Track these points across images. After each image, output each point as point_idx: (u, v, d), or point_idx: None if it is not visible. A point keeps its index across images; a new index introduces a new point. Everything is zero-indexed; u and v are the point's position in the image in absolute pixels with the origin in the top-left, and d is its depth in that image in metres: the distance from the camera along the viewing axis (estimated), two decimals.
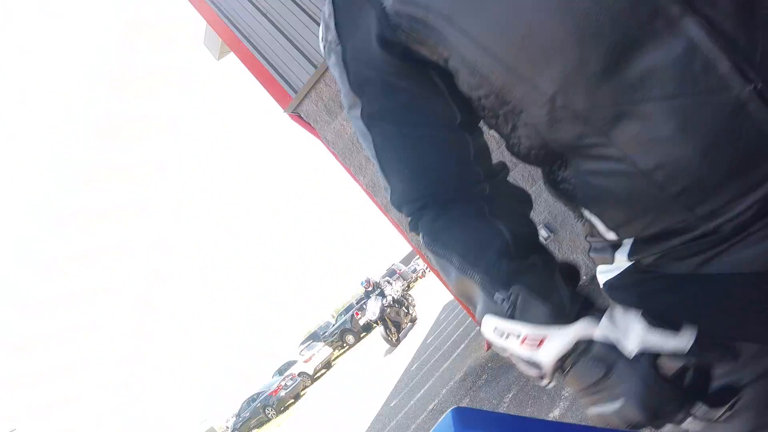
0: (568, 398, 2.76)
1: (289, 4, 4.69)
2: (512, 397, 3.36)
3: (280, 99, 4.77)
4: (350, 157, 4.61)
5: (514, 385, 3.50)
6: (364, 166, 4.58)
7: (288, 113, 4.79)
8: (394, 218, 4.60)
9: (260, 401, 19.46)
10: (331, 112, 4.59)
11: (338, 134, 4.60)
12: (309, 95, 4.63)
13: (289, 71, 4.67)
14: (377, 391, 7.91)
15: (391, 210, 4.59)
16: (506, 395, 3.46)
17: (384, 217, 4.76)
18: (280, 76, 4.70)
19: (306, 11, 4.63)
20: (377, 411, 6.61)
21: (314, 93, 4.61)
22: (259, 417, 19.34)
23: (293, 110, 4.72)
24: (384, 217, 4.76)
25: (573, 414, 2.60)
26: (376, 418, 6.32)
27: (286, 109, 4.76)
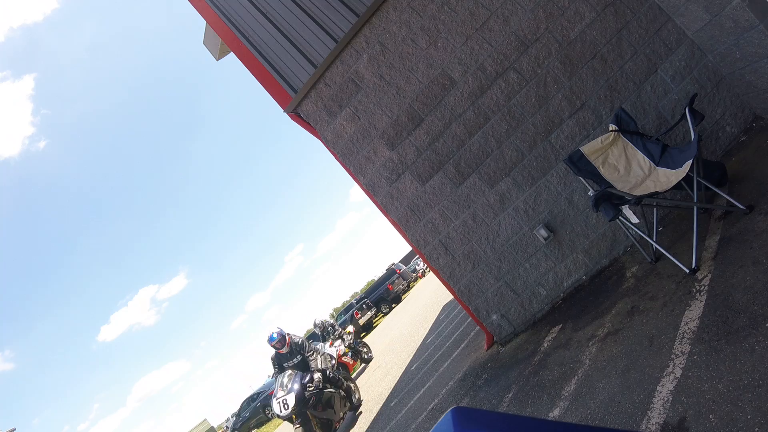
0: (568, 398, 2.76)
1: (289, 4, 4.70)
2: (512, 397, 3.36)
3: (280, 99, 4.77)
4: (350, 157, 4.61)
5: (514, 385, 3.50)
6: (364, 166, 4.58)
7: (288, 113, 4.79)
8: (394, 218, 4.60)
9: (260, 401, 19.46)
10: (331, 112, 4.59)
11: (338, 134, 4.60)
12: (309, 95, 4.63)
13: (289, 71, 4.67)
14: (377, 390, 7.91)
15: (390, 210, 4.59)
16: (506, 395, 3.46)
17: (384, 217, 4.76)
18: (280, 76, 4.71)
19: (306, 11, 4.63)
20: (377, 411, 6.61)
21: (314, 93, 4.61)
22: (259, 417, 19.35)
23: (293, 110, 4.72)
24: (384, 217, 4.76)
25: (573, 414, 2.60)
26: (376, 418, 6.32)
27: (286, 109, 4.76)
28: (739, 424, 1.67)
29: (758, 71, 3.37)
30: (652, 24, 3.86)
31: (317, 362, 6.76)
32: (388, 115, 4.44)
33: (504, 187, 4.25)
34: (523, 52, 4.08)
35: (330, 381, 6.80)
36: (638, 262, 3.60)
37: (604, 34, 3.94)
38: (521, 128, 4.15)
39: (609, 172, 3.51)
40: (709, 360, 2.07)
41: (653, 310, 2.82)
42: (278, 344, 6.78)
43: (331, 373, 6.92)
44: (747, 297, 2.20)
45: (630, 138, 3.56)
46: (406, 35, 4.33)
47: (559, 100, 4.05)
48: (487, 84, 4.18)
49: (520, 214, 4.24)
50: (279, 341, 6.79)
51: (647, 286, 3.14)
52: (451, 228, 4.42)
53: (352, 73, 4.48)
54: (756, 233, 2.58)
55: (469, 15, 4.17)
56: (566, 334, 3.56)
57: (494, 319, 4.45)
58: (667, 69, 3.88)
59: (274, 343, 6.77)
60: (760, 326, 1.99)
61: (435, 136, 4.35)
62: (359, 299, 23.54)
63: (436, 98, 4.31)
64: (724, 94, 3.83)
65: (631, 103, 3.93)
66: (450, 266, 4.49)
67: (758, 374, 1.79)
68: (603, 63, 3.96)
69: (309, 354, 6.74)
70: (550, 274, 4.24)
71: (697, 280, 2.67)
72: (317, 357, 6.86)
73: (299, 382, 6.23)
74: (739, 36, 3.25)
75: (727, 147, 3.84)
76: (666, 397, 2.10)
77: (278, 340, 6.78)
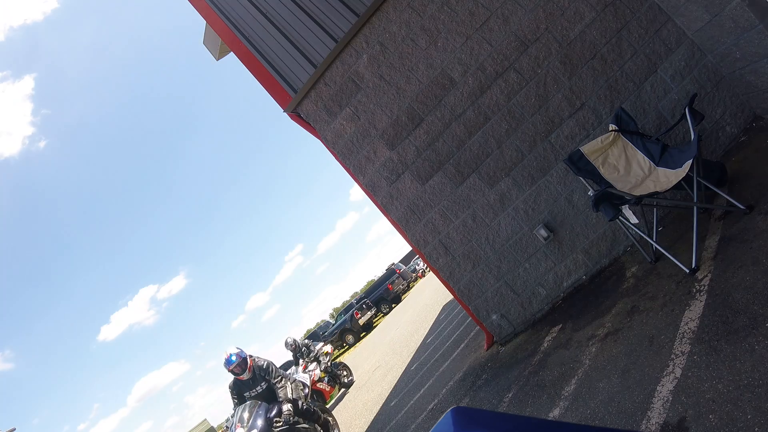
0: (568, 398, 2.76)
1: (289, 4, 4.70)
2: (512, 396, 3.36)
3: (280, 99, 4.77)
4: (350, 157, 4.61)
5: (514, 385, 3.50)
6: (364, 165, 4.58)
7: (288, 113, 4.79)
8: (393, 218, 4.60)
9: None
10: (331, 112, 4.59)
11: (338, 134, 4.60)
12: (309, 95, 4.63)
13: (289, 71, 4.67)
14: (377, 390, 7.91)
15: (390, 210, 4.59)
16: (506, 395, 3.46)
17: (384, 217, 4.76)
18: (280, 76, 4.71)
19: (306, 11, 4.63)
20: (377, 411, 6.61)
21: (314, 93, 4.61)
22: None
23: (293, 110, 4.72)
24: (384, 217, 4.76)
25: (573, 414, 2.60)
26: (375, 418, 6.32)
27: (286, 109, 4.76)
28: (739, 424, 1.67)
29: (758, 71, 3.37)
30: (652, 24, 3.86)
31: (287, 390, 5.42)
32: (388, 115, 4.44)
33: (504, 187, 4.25)
34: (523, 52, 4.08)
35: (303, 414, 5.56)
36: (638, 262, 3.60)
37: (604, 34, 3.94)
38: (521, 128, 4.15)
39: (609, 172, 3.51)
40: (709, 360, 2.07)
41: (653, 310, 2.82)
42: (238, 368, 5.33)
43: (304, 404, 5.70)
44: (747, 297, 2.21)
45: (630, 138, 3.56)
46: (406, 35, 4.33)
47: (559, 100, 4.05)
48: (487, 84, 4.18)
49: (520, 214, 4.24)
50: (238, 365, 5.33)
51: (647, 286, 3.14)
52: (451, 228, 4.42)
53: (352, 73, 4.48)
54: (756, 233, 2.58)
55: (469, 15, 4.17)
56: (566, 334, 3.56)
57: (494, 319, 4.45)
58: (667, 69, 3.87)
59: (233, 367, 5.31)
60: (760, 326, 1.99)
61: (435, 136, 4.35)
62: (359, 299, 23.56)
63: (436, 98, 4.31)
64: (724, 94, 3.83)
65: (631, 103, 3.93)
66: (450, 266, 4.49)
67: (758, 374, 1.79)
68: (603, 63, 3.95)
69: (276, 380, 5.40)
70: (550, 274, 4.24)
71: (697, 280, 2.67)
72: (287, 384, 5.52)
73: (264, 416, 5.04)
74: (739, 36, 3.25)
75: (727, 147, 3.84)
76: (666, 397, 2.10)
77: (237, 364, 5.32)
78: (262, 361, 5.50)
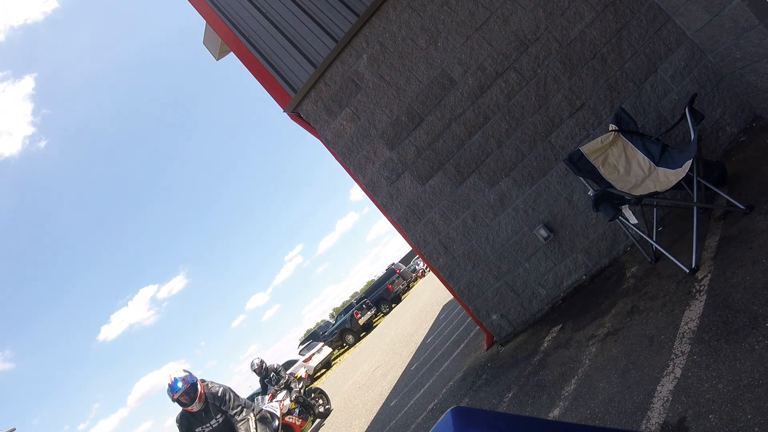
0: (568, 398, 2.76)
1: (289, 4, 4.70)
2: (512, 396, 3.36)
3: (280, 99, 4.77)
4: (350, 157, 4.61)
5: (514, 385, 3.50)
6: (364, 165, 4.58)
7: (288, 113, 4.79)
8: (393, 218, 4.60)
9: None
10: (331, 112, 4.59)
11: (338, 134, 4.60)
12: (309, 95, 4.63)
13: (289, 71, 4.67)
14: (377, 390, 7.91)
15: (390, 209, 4.59)
16: (506, 395, 3.46)
17: (384, 216, 4.76)
18: (280, 76, 4.71)
19: (306, 11, 4.63)
20: (377, 411, 6.61)
21: (314, 93, 4.61)
22: None
23: (293, 110, 4.72)
24: (384, 216, 4.76)
25: (573, 414, 2.60)
26: (375, 418, 6.32)
27: (286, 109, 4.76)
28: (739, 424, 1.67)
29: (758, 71, 3.37)
30: (651, 24, 3.86)
31: (249, 425, 4.35)
32: (388, 115, 4.44)
33: (504, 187, 4.25)
34: (523, 52, 4.08)
35: None
36: (638, 262, 3.60)
37: (604, 34, 3.94)
38: (521, 128, 4.15)
39: (609, 172, 3.51)
40: (709, 360, 2.07)
41: (653, 309, 2.82)
42: (185, 397, 4.18)
43: None
44: (747, 297, 2.20)
45: (630, 138, 3.56)
46: (406, 35, 4.33)
47: (559, 100, 4.05)
48: (487, 84, 4.18)
49: (520, 214, 4.24)
50: (186, 392, 4.17)
51: (647, 286, 3.14)
52: (451, 228, 4.42)
53: (352, 73, 4.48)
54: (756, 233, 2.58)
55: (468, 15, 4.17)
56: (566, 334, 3.56)
57: (494, 319, 4.45)
58: (667, 69, 3.87)
59: (178, 395, 4.14)
60: (760, 326, 1.99)
61: (435, 136, 4.35)
62: (359, 299, 23.57)
63: (436, 98, 4.31)
64: (724, 94, 3.83)
65: (631, 102, 3.93)
66: (450, 266, 4.49)
67: (758, 374, 1.79)
68: (603, 63, 3.95)
69: (235, 411, 4.32)
70: (550, 274, 4.24)
71: (697, 280, 2.67)
72: (249, 417, 4.40)
73: None
74: (739, 36, 3.24)
75: (726, 147, 3.84)
76: (666, 396, 2.10)
77: (185, 392, 4.16)
78: (216, 388, 4.35)
